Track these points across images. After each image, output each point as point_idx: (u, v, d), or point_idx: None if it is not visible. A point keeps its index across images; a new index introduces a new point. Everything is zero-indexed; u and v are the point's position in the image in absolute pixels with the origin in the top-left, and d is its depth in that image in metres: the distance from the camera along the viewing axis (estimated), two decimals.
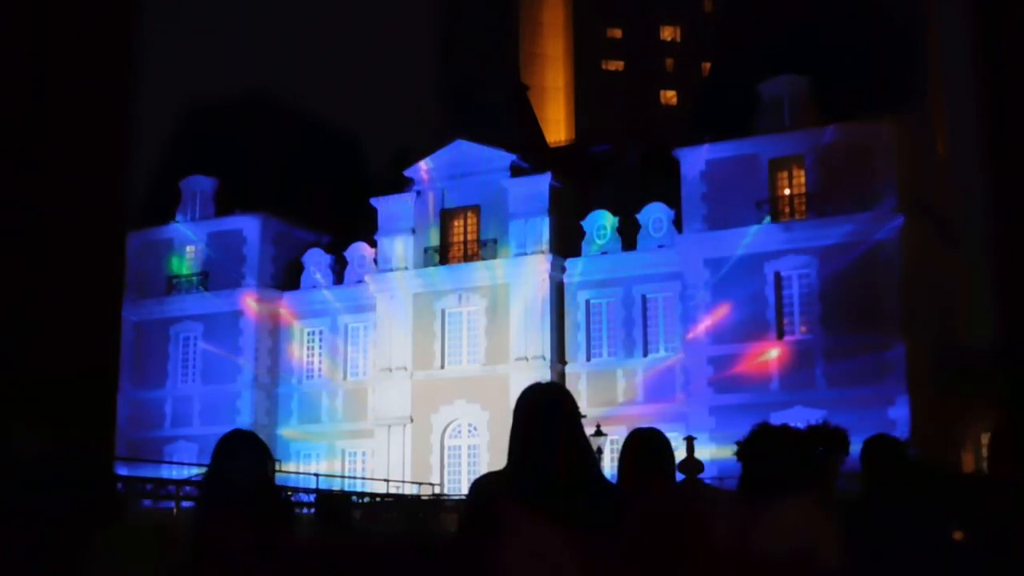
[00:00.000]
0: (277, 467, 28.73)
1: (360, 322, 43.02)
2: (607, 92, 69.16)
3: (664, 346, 38.15)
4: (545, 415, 3.69)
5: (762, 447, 4.66)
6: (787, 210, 36.18)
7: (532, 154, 41.19)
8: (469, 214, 41.16)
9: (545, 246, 39.21)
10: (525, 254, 39.35)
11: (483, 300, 39.97)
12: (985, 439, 35.47)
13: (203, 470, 4.98)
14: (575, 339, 39.20)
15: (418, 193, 41.71)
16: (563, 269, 39.44)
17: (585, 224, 39.47)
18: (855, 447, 6.61)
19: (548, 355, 38.52)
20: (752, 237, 35.62)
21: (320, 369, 43.54)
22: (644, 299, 38.44)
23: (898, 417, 32.20)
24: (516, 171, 40.31)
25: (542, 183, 39.66)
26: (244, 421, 42.73)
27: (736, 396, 34.25)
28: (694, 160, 37.16)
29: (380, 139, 53.68)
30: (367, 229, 42.95)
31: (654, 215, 38.54)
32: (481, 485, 3.74)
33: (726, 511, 4.52)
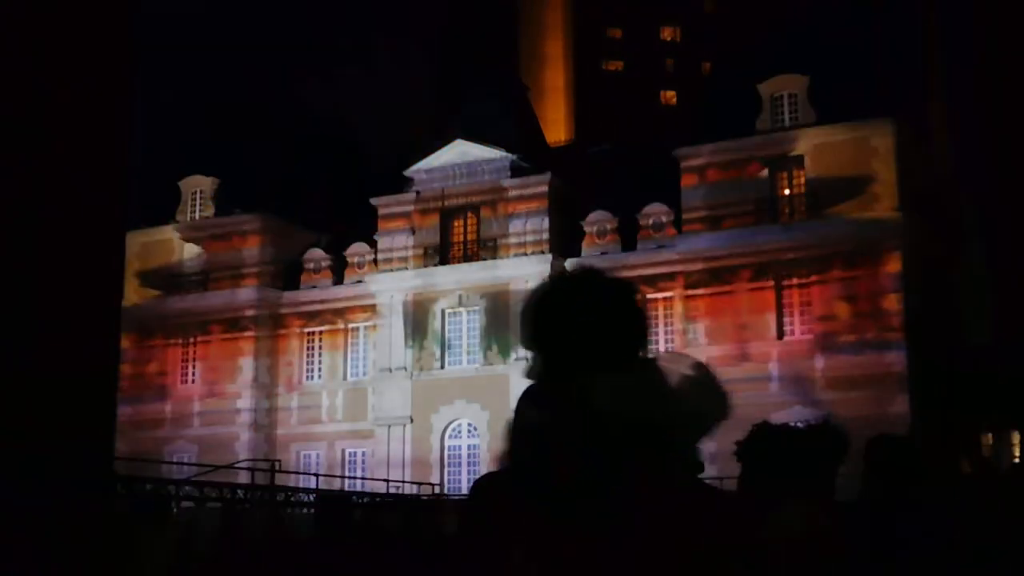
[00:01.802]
0: (277, 467, 28.73)
1: (360, 322, 43.01)
2: (607, 92, 69.14)
3: (664, 346, 38.11)
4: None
5: (762, 447, 4.65)
6: (787, 210, 36.18)
7: (532, 154, 41.19)
8: (469, 214, 41.15)
9: (545, 246, 39.20)
10: (525, 254, 39.34)
11: (483, 300, 39.96)
12: (985, 439, 35.50)
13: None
14: None
15: (418, 193, 41.71)
16: (563, 269, 39.37)
17: (585, 224, 39.46)
18: (854, 447, 6.61)
19: None
20: (751, 237, 35.61)
21: (320, 369, 43.52)
22: (644, 299, 38.37)
23: (898, 417, 32.18)
24: (516, 171, 40.31)
25: (542, 183, 39.65)
26: (244, 421, 42.76)
27: (736, 396, 34.17)
28: (694, 160, 37.16)
29: (380, 139, 53.58)
30: (367, 229, 42.94)
31: (654, 215, 38.52)
32: (482, 485, 3.73)
33: (726, 511, 4.51)
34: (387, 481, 35.54)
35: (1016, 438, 34.01)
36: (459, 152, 41.18)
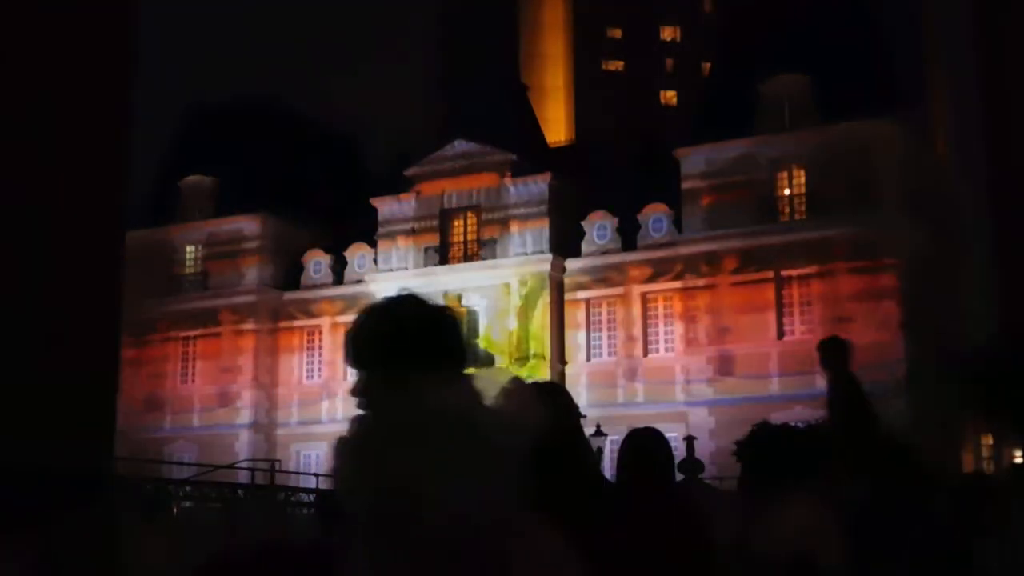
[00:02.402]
0: (277, 467, 28.74)
1: None
2: (607, 92, 69.11)
3: (664, 346, 38.12)
4: None
5: (762, 447, 4.65)
6: (787, 210, 36.17)
7: (532, 154, 41.18)
8: (469, 214, 41.15)
9: (545, 246, 39.20)
10: (525, 254, 39.34)
11: (483, 300, 39.96)
12: (985, 439, 35.50)
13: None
14: (575, 339, 39.17)
15: (418, 193, 41.71)
16: (563, 269, 39.41)
17: (585, 224, 39.46)
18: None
19: (548, 355, 38.50)
20: (752, 237, 35.61)
21: (320, 369, 43.53)
22: (644, 299, 38.42)
23: (898, 418, 32.17)
24: (516, 171, 40.31)
25: (542, 183, 39.66)
26: (244, 421, 42.76)
27: (736, 396, 34.23)
28: (694, 160, 37.16)
29: (380, 139, 53.65)
30: (367, 229, 42.94)
31: (654, 215, 38.52)
32: None
33: (726, 511, 4.51)
34: None
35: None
36: (459, 152, 41.17)
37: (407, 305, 2.54)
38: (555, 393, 3.89)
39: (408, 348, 2.45)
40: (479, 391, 2.34)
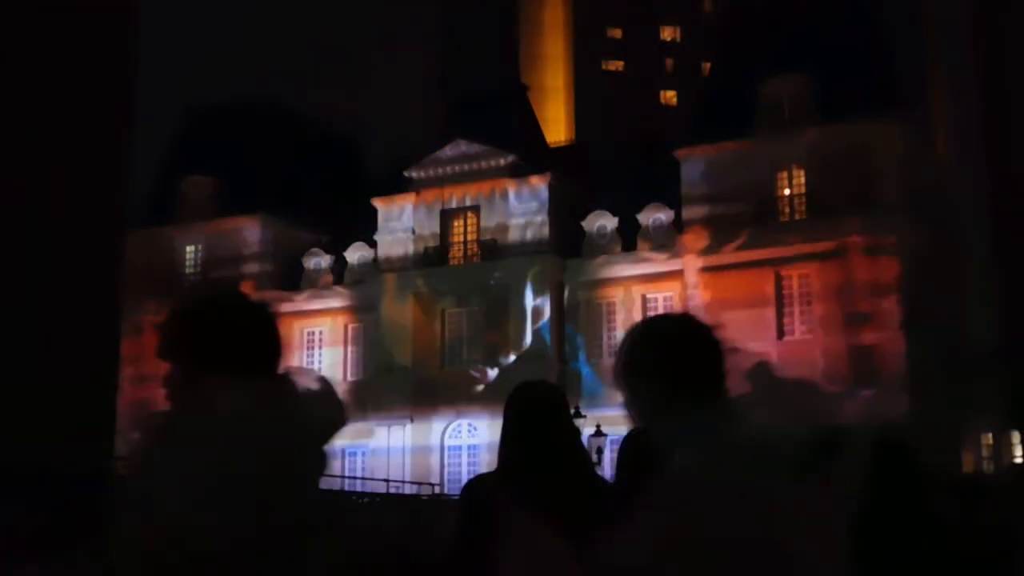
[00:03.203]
0: None
1: (360, 322, 43.00)
2: (607, 92, 69.10)
3: None
4: (537, 414, 3.68)
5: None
6: (787, 210, 36.16)
7: (532, 154, 41.17)
8: (469, 214, 41.14)
9: (545, 246, 39.19)
10: (525, 254, 39.32)
11: (483, 300, 39.95)
12: (985, 439, 35.49)
13: None
14: (575, 339, 39.17)
15: (418, 193, 41.70)
16: (563, 269, 39.40)
17: (585, 224, 39.45)
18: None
19: (548, 355, 38.49)
20: (752, 237, 35.59)
21: (320, 369, 43.42)
22: (644, 299, 38.42)
23: (898, 418, 32.16)
24: (516, 171, 40.30)
25: (542, 183, 39.65)
26: None
27: (735, 396, 34.18)
28: (694, 160, 37.15)
29: (380, 139, 53.69)
30: (367, 229, 42.92)
31: (654, 215, 38.52)
32: (476, 486, 3.72)
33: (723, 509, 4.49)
34: (387, 481, 35.53)
35: (1016, 438, 34.04)
36: (459, 152, 41.16)
37: (220, 299, 2.53)
38: (553, 394, 3.88)
39: (213, 344, 2.43)
40: (284, 389, 2.36)
